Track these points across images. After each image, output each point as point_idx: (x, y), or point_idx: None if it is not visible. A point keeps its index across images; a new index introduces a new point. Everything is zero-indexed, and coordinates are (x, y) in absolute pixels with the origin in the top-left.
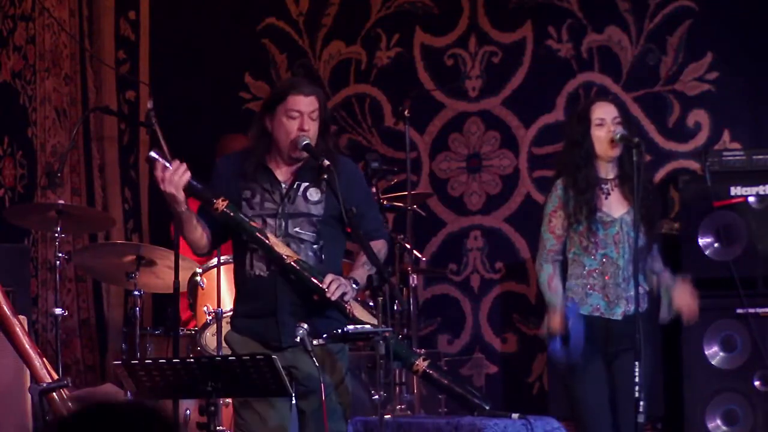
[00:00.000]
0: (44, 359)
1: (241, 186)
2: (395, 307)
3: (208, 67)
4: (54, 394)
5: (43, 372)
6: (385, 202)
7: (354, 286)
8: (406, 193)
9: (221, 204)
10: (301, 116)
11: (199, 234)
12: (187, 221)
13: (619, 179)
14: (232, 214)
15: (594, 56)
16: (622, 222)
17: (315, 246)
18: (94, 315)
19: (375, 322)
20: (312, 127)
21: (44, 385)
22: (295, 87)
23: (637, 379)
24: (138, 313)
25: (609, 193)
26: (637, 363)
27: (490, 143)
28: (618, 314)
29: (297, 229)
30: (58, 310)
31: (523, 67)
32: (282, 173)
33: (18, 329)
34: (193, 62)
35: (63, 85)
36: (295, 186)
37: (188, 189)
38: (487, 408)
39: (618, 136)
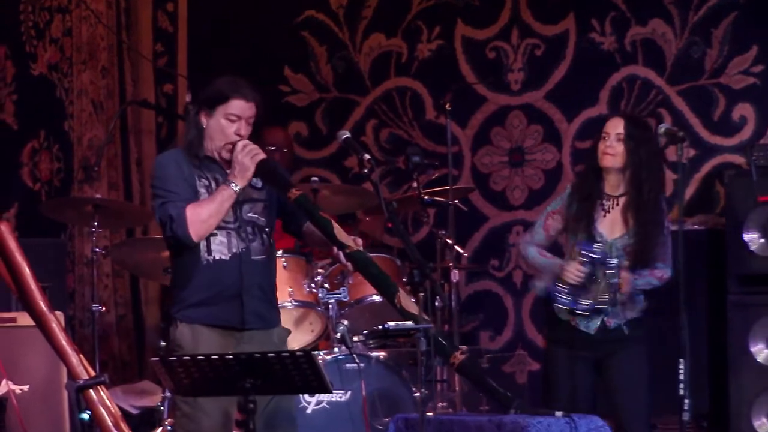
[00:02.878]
0: (81, 356)
1: (197, 177)
2: (436, 304)
3: (246, 59)
4: (91, 390)
5: (79, 369)
6: (426, 197)
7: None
8: (447, 187)
9: (295, 193)
10: (240, 121)
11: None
12: (229, 205)
13: (626, 197)
14: (305, 202)
15: (638, 49)
16: (613, 246)
17: (267, 229)
18: (132, 311)
19: (422, 314)
20: (247, 132)
21: (81, 381)
22: (239, 91)
23: (681, 377)
24: None
25: (608, 211)
26: (681, 360)
27: (533, 137)
28: (592, 328)
29: (251, 214)
30: (95, 306)
31: (565, 60)
32: (224, 162)
33: (54, 325)
34: (232, 55)
35: (100, 78)
36: None
37: (263, 168)
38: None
39: (663, 130)
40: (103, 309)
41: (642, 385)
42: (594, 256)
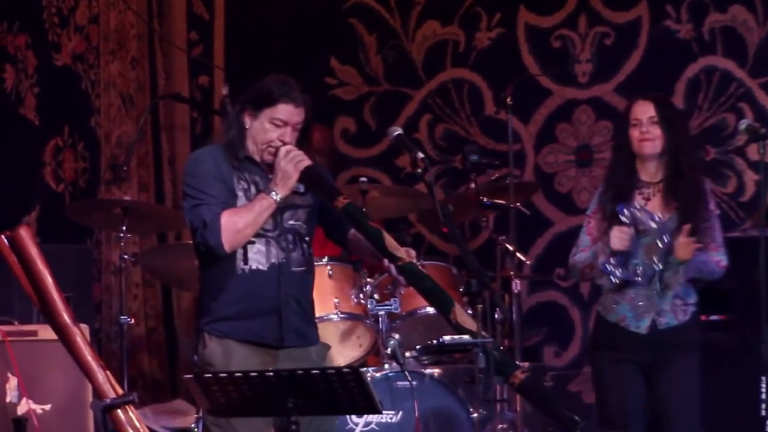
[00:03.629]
0: (108, 372)
1: (235, 179)
2: (496, 316)
3: (289, 49)
4: (119, 410)
5: (106, 386)
6: (485, 200)
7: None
8: (508, 189)
9: (342, 201)
10: (285, 127)
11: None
12: (268, 215)
13: (666, 182)
14: (353, 211)
15: (716, 38)
16: (661, 230)
17: (307, 238)
18: (163, 323)
19: (481, 328)
20: (293, 139)
21: (108, 401)
22: (288, 95)
23: (763, 396)
24: None
25: (649, 199)
26: (763, 378)
27: (602, 134)
28: (643, 328)
29: (292, 222)
30: (123, 318)
31: (638, 49)
32: (265, 165)
33: (79, 339)
34: (273, 44)
35: (129, 70)
36: None
37: (308, 176)
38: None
39: (744, 126)
40: (132, 321)
41: (693, 399)
42: (635, 214)
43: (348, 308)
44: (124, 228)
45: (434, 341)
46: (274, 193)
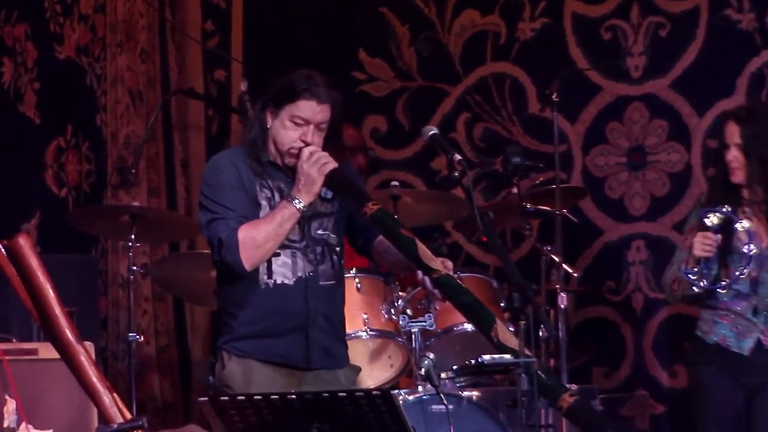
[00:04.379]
0: (114, 394)
1: (258, 186)
2: (540, 333)
3: (313, 41)
4: None
5: (113, 410)
6: (528, 206)
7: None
8: (553, 194)
9: (372, 207)
10: (307, 125)
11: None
12: (292, 226)
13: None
14: (383, 218)
15: None
16: (762, 256)
17: (338, 249)
18: (175, 341)
19: (524, 347)
20: (317, 140)
21: (114, 426)
22: (310, 90)
23: None
24: None
25: (751, 219)
26: None
27: (656, 134)
28: (746, 348)
29: (320, 231)
30: (131, 335)
31: (696, 41)
32: (289, 169)
33: (83, 358)
34: (296, 35)
35: (138, 63)
36: None
37: (334, 180)
38: None
39: None
40: (142, 339)
41: None
42: (721, 215)
43: (378, 325)
44: (132, 236)
45: (473, 361)
46: (297, 200)
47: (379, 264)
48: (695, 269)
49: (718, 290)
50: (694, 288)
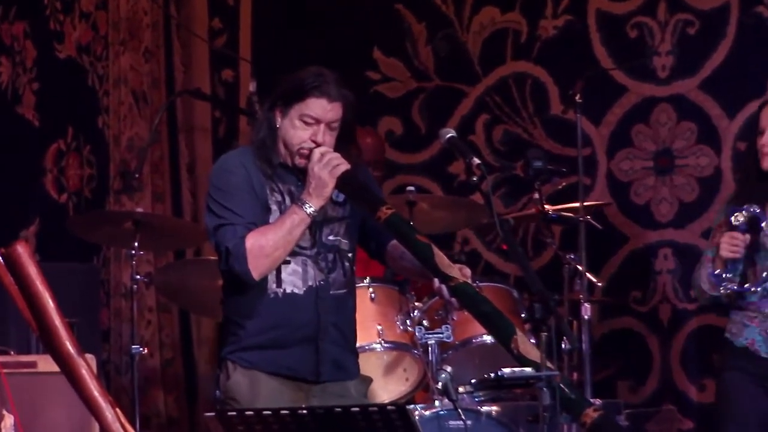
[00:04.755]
0: (117, 409)
1: (268, 189)
2: (563, 346)
3: (326, 39)
4: None
5: (115, 426)
6: (550, 212)
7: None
8: (577, 200)
9: (386, 212)
10: (318, 125)
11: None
12: (302, 232)
13: None
14: (398, 223)
15: None
16: None
17: (350, 255)
18: (181, 354)
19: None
20: (328, 140)
21: None
22: (320, 88)
23: None
24: None
25: None
26: None
27: (685, 137)
28: None
29: (332, 237)
30: (135, 348)
31: (726, 40)
32: (300, 171)
33: (84, 371)
34: (308, 33)
35: (142, 63)
36: None
37: (346, 183)
38: None
39: None
40: (145, 351)
41: None
42: (747, 214)
43: (393, 336)
44: (136, 244)
45: (492, 374)
46: (307, 205)
47: (393, 270)
48: (723, 271)
49: (750, 292)
50: (722, 290)
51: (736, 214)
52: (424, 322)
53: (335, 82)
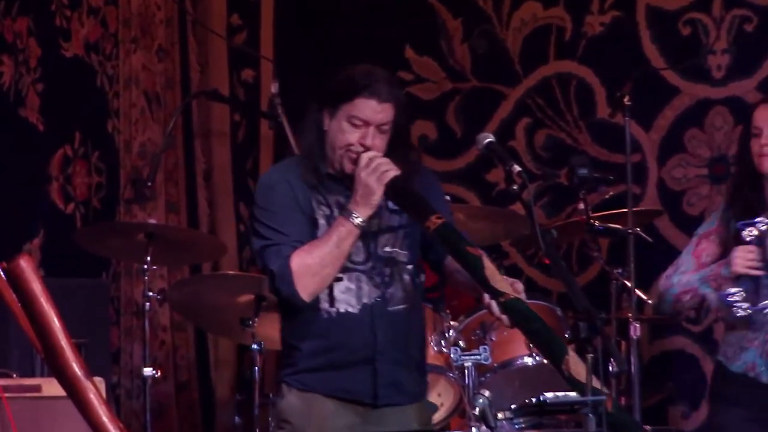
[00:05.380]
0: None
1: (315, 202)
2: (610, 368)
3: (354, 37)
4: None
5: None
6: (596, 224)
7: None
8: (625, 210)
9: (435, 221)
10: (366, 127)
11: (334, 274)
12: (351, 244)
13: None
14: (448, 233)
15: None
16: None
17: (410, 267)
18: (197, 377)
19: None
20: (378, 143)
21: None
22: (369, 88)
23: None
24: (257, 374)
25: None
26: None
27: None
28: None
29: (388, 248)
30: (147, 370)
31: None
32: (349, 180)
33: (92, 396)
34: (334, 30)
35: (156, 62)
36: None
37: (395, 190)
38: None
39: None
40: (159, 374)
41: None
42: (763, 227)
43: (427, 358)
44: (148, 258)
45: (533, 399)
46: (354, 215)
47: (452, 285)
48: (737, 289)
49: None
50: (737, 313)
51: (749, 229)
52: (460, 343)
53: (386, 82)
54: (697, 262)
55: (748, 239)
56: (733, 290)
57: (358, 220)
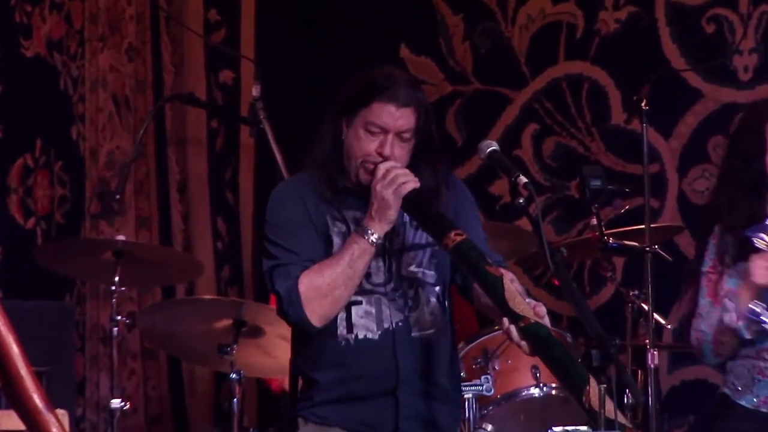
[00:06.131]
0: None
1: (330, 218)
2: (625, 400)
3: (344, 34)
4: None
5: None
6: (611, 241)
7: None
8: (642, 226)
9: (454, 238)
10: (385, 135)
11: (348, 297)
12: (366, 264)
13: None
14: (466, 251)
15: None
16: None
17: (437, 289)
18: (170, 409)
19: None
20: (398, 152)
21: None
22: (386, 91)
23: None
24: (236, 406)
25: None
26: None
27: None
28: None
29: (412, 268)
30: (115, 402)
31: None
32: (367, 193)
33: (55, 430)
34: (322, 27)
35: (125, 62)
36: None
37: (413, 204)
38: None
39: None
40: (128, 406)
41: None
42: None
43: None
44: (116, 279)
45: None
46: (369, 231)
47: (479, 309)
48: (762, 304)
49: None
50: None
51: (760, 235)
52: (461, 372)
53: (407, 85)
54: (715, 300)
55: (761, 247)
56: (756, 308)
57: (373, 237)
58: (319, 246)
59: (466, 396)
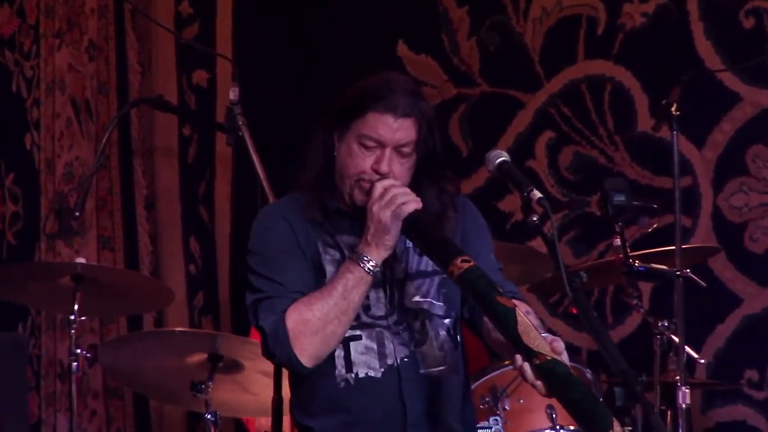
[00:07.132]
0: None
1: (321, 245)
2: None
3: (334, 31)
4: None
5: None
6: (637, 264)
7: None
8: (673, 247)
9: (460, 266)
10: (382, 149)
11: (342, 332)
12: (362, 294)
13: None
14: (474, 280)
15: None
16: None
17: (447, 321)
18: None
19: None
20: (397, 169)
21: None
22: (383, 100)
23: None
24: None
25: None
26: None
27: None
28: None
29: (417, 298)
30: None
31: None
32: (363, 216)
33: None
34: (308, 23)
35: (86, 61)
36: None
37: (414, 226)
38: None
39: None
40: None
41: None
42: None
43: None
44: (76, 307)
45: None
46: (365, 257)
47: (489, 345)
48: None
49: None
50: None
51: None
52: None
53: (406, 93)
54: None
55: None
56: None
57: (370, 265)
58: (310, 276)
59: None
